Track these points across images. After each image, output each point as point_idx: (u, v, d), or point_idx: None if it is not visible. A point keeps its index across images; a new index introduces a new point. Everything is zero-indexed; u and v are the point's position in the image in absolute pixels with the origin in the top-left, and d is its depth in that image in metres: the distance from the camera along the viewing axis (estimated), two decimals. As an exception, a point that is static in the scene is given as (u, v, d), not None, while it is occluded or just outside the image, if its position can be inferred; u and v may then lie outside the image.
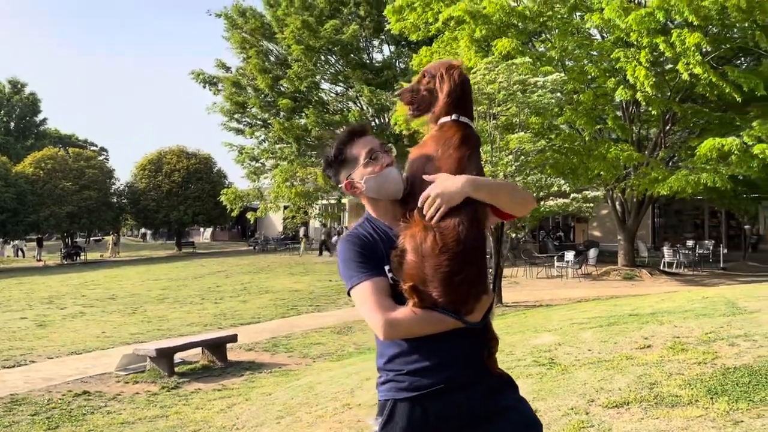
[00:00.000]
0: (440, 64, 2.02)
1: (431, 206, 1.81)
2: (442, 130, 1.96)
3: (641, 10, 13.34)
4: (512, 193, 1.94)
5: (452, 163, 1.90)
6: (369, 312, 1.82)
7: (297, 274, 23.69)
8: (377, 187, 1.95)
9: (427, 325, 1.80)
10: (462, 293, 1.79)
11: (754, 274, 19.21)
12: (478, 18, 15.10)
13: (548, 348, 5.92)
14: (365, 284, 1.84)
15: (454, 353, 1.85)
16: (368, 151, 1.95)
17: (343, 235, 2.07)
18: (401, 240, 1.86)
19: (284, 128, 27.41)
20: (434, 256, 1.77)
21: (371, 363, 7.60)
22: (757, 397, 3.91)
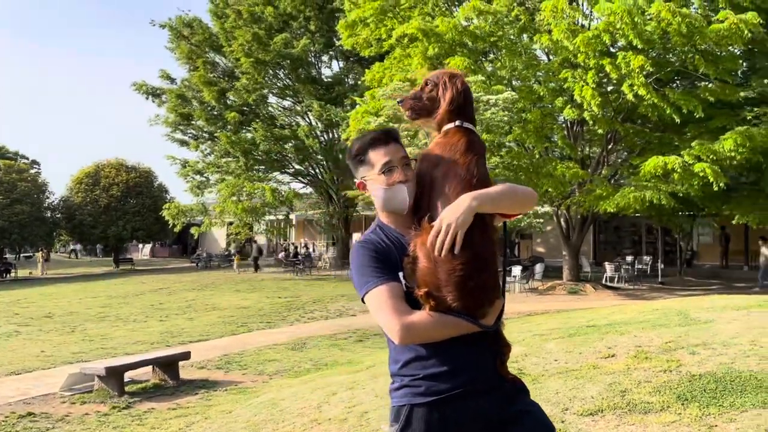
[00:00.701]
0: (442, 73, 2.04)
1: (446, 236, 1.78)
2: (446, 136, 1.98)
3: (588, 32, 13.87)
4: (513, 197, 1.95)
5: (459, 168, 1.91)
6: (385, 317, 1.80)
7: (244, 290, 23.20)
8: (384, 199, 1.96)
9: (443, 329, 1.79)
10: (476, 297, 1.80)
11: (691, 288, 20.06)
12: (431, 36, 15.34)
13: (515, 359, 5.96)
14: (381, 289, 1.82)
15: (469, 359, 1.85)
16: (385, 162, 1.94)
17: (357, 240, 2.03)
18: (413, 247, 1.86)
19: (231, 142, 26.99)
20: (447, 261, 1.78)
21: (335, 378, 7.49)
22: (726, 402, 4.03)
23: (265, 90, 29.07)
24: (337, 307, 17.65)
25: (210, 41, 29.52)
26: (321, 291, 22.04)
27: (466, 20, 15.90)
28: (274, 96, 30.76)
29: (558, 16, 14.23)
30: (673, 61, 15.69)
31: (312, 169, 31.26)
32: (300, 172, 31.66)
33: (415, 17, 16.78)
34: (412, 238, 1.88)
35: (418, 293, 1.81)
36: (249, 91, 27.55)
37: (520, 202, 1.98)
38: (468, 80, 8.87)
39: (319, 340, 12.45)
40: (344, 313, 16.45)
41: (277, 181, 31.48)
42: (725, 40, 13.44)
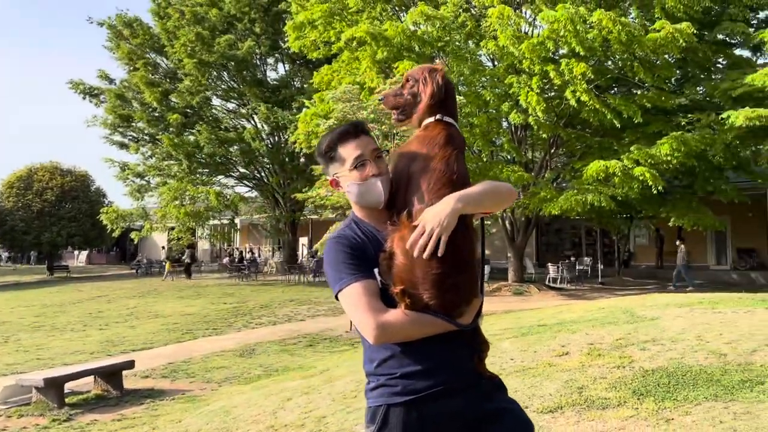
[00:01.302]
0: (422, 69, 2.01)
1: (428, 239, 1.73)
2: (426, 129, 1.94)
3: (533, 38, 14.19)
4: (496, 195, 1.92)
5: (438, 162, 1.87)
6: (359, 315, 1.75)
7: (187, 297, 22.59)
8: (358, 195, 1.91)
9: (419, 328, 1.75)
10: (453, 296, 1.76)
11: (629, 288, 20.77)
12: (379, 40, 15.35)
13: (472, 359, 5.99)
14: (355, 286, 1.77)
15: (446, 356, 1.81)
16: (356, 157, 1.89)
17: (330, 236, 1.97)
18: (390, 243, 1.82)
19: (174, 144, 26.26)
20: (425, 259, 1.73)
21: (288, 383, 7.36)
22: (680, 396, 4.15)
23: (208, 92, 28.45)
24: (286, 312, 17.38)
25: (151, 42, 28.69)
26: (268, 296, 21.70)
27: (414, 25, 16.02)
28: (218, 98, 30.15)
29: (504, 22, 14.51)
30: (612, 68, 16.24)
31: (258, 172, 30.77)
32: (245, 175, 31.10)
33: (364, 21, 16.78)
34: (389, 234, 1.83)
35: (393, 290, 1.76)
36: (192, 92, 26.90)
37: (501, 199, 1.96)
38: None
39: (268, 345, 12.24)
40: (293, 318, 16.22)
41: (221, 184, 30.85)
42: (662, 48, 14.01)
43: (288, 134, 24.98)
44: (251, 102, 27.96)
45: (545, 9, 14.31)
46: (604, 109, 14.57)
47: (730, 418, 3.64)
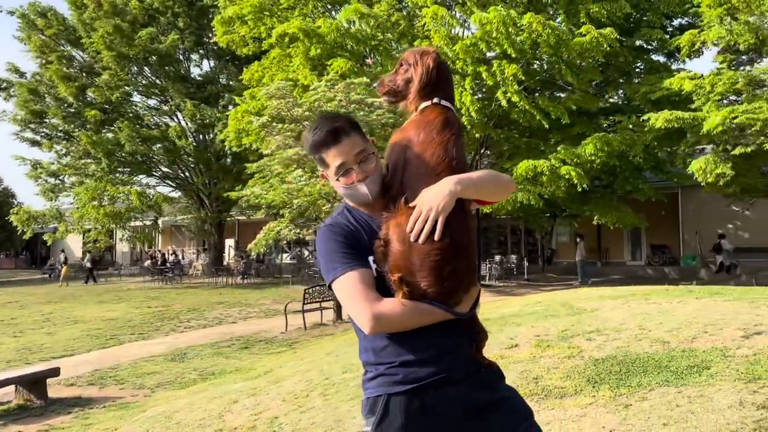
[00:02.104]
0: (414, 52, 1.96)
1: (425, 221, 1.70)
2: (423, 113, 1.89)
3: (467, 39, 14.40)
4: (495, 183, 1.89)
5: (436, 147, 1.83)
6: (354, 305, 1.71)
7: (108, 301, 21.57)
8: (345, 196, 1.89)
9: (416, 318, 1.71)
10: (451, 284, 1.72)
11: (554, 284, 21.50)
12: (312, 37, 15.18)
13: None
14: (350, 275, 1.72)
15: (446, 345, 1.77)
16: (338, 166, 1.82)
17: (323, 224, 1.88)
18: (385, 230, 1.77)
19: (93, 142, 24.96)
20: (423, 245, 1.70)
21: (231, 386, 7.11)
22: (633, 382, 4.28)
23: (129, 87, 27.24)
24: (215, 315, 16.88)
25: (67, 33, 27.16)
26: (195, 299, 21.04)
27: (348, 22, 15.93)
28: (139, 94, 28.93)
29: (438, 22, 14.67)
30: (540, 70, 16.75)
31: (182, 171, 29.74)
32: (168, 174, 30.00)
33: (295, 17, 16.55)
34: (385, 220, 1.78)
35: (391, 278, 1.71)
36: (111, 87, 25.68)
37: (500, 189, 1.92)
38: (354, 81, 8.87)
39: (200, 349, 11.84)
40: (223, 320, 15.77)
41: (142, 184, 29.63)
42: (587, 52, 14.58)
43: (215, 132, 24.32)
44: (175, 98, 27.00)
45: (477, 11, 14.58)
46: (534, 110, 15.01)
47: (685, 402, 3.77)
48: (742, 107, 12.57)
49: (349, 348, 7.43)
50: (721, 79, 13.46)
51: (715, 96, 13.52)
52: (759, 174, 15.33)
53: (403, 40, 16.96)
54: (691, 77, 14.34)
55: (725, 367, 4.27)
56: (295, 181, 13.14)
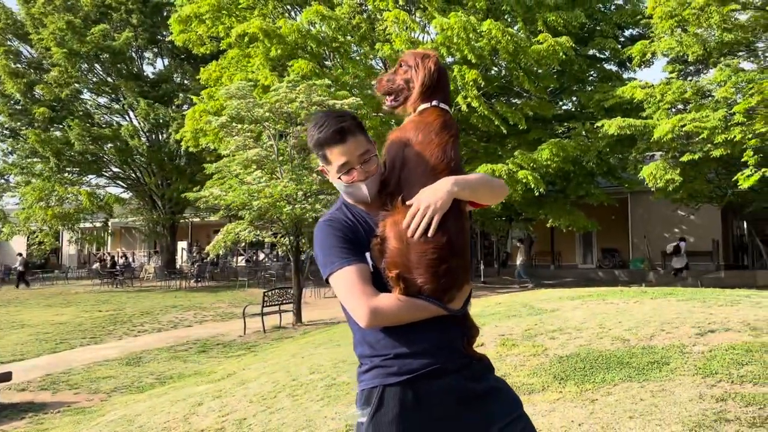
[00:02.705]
0: (415, 54, 2.01)
1: (422, 218, 1.76)
2: (422, 115, 1.94)
3: (428, 44, 14.55)
4: (490, 186, 1.96)
5: (435, 148, 1.87)
6: (352, 299, 1.75)
7: (56, 305, 20.88)
8: (345, 193, 1.92)
9: (410, 313, 1.76)
10: (446, 281, 1.77)
11: (510, 286, 21.85)
12: (273, 37, 15.06)
13: (390, 355, 6.01)
14: (348, 269, 1.77)
15: (439, 338, 1.82)
16: (341, 165, 1.85)
17: (321, 219, 1.91)
18: (382, 227, 1.82)
19: (41, 140, 24.10)
20: (420, 244, 1.75)
21: (193, 389, 6.99)
22: (597, 378, 4.42)
23: (78, 84, 26.43)
24: (170, 319, 16.54)
25: (14, 28, 26.18)
26: (148, 303, 20.56)
27: (309, 24, 15.88)
28: (89, 91, 28.10)
29: (400, 26, 14.77)
30: (498, 76, 17.05)
31: (134, 172, 29.02)
32: (119, 175, 29.23)
33: (255, 17, 16.39)
34: (382, 218, 1.83)
35: (388, 275, 1.76)
36: (61, 84, 24.87)
37: (495, 192, 1.98)
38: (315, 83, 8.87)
39: (156, 353, 11.61)
40: (179, 324, 15.47)
41: (92, 185, 28.76)
42: (544, 59, 14.92)
43: (170, 132, 23.83)
44: (127, 97, 26.34)
45: (438, 16, 14.74)
46: (492, 116, 15.27)
47: (648, 396, 3.92)
48: (690, 116, 13.10)
49: (314, 350, 7.41)
50: (671, 89, 14.00)
51: (664, 105, 14.05)
52: (705, 180, 15.97)
53: (364, 43, 17.00)
54: (643, 86, 14.86)
55: (683, 363, 4.46)
56: (254, 182, 13.02)
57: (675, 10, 12.28)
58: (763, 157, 12.85)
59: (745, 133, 12.43)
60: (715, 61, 14.64)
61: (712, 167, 15.30)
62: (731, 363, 4.27)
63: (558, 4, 16.06)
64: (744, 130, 12.42)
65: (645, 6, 17.43)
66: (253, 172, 13.45)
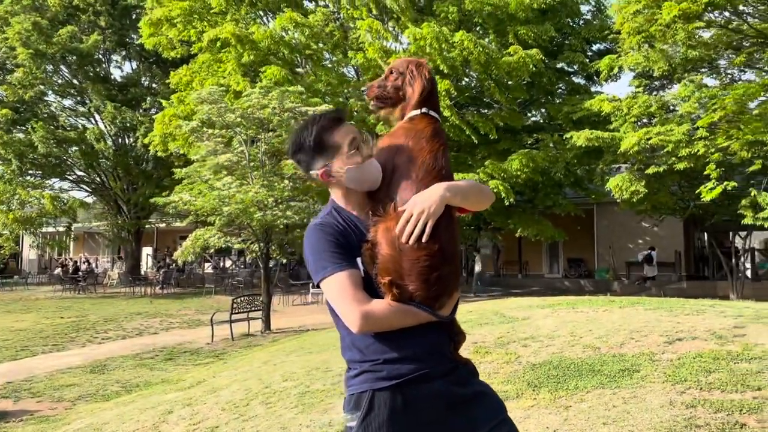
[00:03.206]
0: (408, 62, 2.02)
1: (416, 224, 1.77)
2: (412, 122, 1.95)
3: (401, 53, 14.64)
4: (480, 193, 1.98)
5: (426, 155, 1.89)
6: (344, 305, 1.76)
7: (16, 311, 20.30)
8: (358, 179, 1.87)
9: (401, 319, 1.78)
10: (438, 288, 1.79)
11: (478, 294, 21.99)
12: (246, 43, 14.98)
13: (364, 362, 6.00)
14: (341, 275, 1.77)
15: (428, 343, 1.84)
16: (351, 140, 1.86)
17: (312, 222, 1.91)
18: (373, 232, 1.82)
19: (3, 142, 23.45)
20: (413, 251, 1.76)
21: (162, 396, 6.87)
22: (570, 385, 4.49)
23: (43, 86, 25.86)
24: (135, 326, 16.23)
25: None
26: (112, 309, 20.15)
27: (283, 30, 15.84)
28: (54, 93, 27.51)
29: (373, 35, 14.84)
30: (469, 87, 17.24)
31: (98, 176, 28.44)
32: (83, 179, 28.62)
33: (227, 22, 16.29)
34: (374, 224, 1.83)
35: (380, 281, 1.77)
36: (25, 86, 24.29)
37: (484, 198, 2.00)
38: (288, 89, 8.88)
39: (121, 360, 11.39)
40: (144, 331, 15.20)
41: (54, 188, 28.10)
42: (515, 71, 15.15)
43: (137, 136, 23.46)
44: (94, 100, 25.85)
45: (411, 26, 14.86)
46: (463, 125, 15.42)
47: (621, 402, 4.00)
48: (656, 129, 13.44)
49: (286, 357, 7.36)
50: (637, 103, 14.35)
51: (631, 118, 14.39)
52: (668, 192, 16.37)
53: (337, 51, 17.03)
54: (611, 100, 15.21)
55: (653, 371, 4.56)
56: (224, 188, 12.88)
57: (642, 26, 12.63)
58: (725, 170, 13.26)
59: (708, 147, 12.81)
60: (680, 77, 15.08)
61: (675, 180, 15.69)
62: (699, 370, 4.38)
63: (528, 18, 16.34)
64: (707, 145, 12.79)
65: (612, 22, 17.86)
66: (223, 177, 13.32)
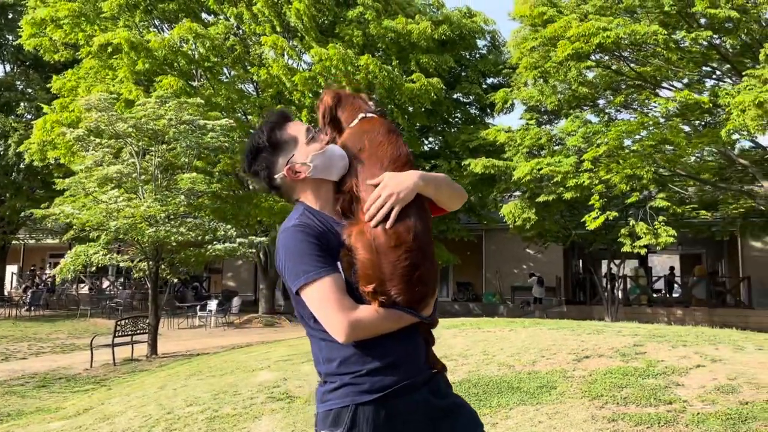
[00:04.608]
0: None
1: (382, 206, 1.69)
2: (362, 123, 1.88)
3: (306, 72, 14.52)
4: (452, 188, 1.92)
5: (388, 147, 1.83)
6: (329, 313, 1.65)
7: None
8: (326, 164, 1.78)
9: (388, 323, 1.69)
10: (421, 289, 1.72)
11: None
12: (140, 50, 14.24)
13: (276, 383, 5.75)
14: (324, 281, 1.65)
15: (407, 350, 1.75)
16: (306, 130, 1.80)
17: (288, 224, 1.76)
18: (347, 236, 1.72)
19: None
20: (391, 251, 1.68)
21: (39, 427, 6.18)
22: (493, 402, 4.52)
23: None
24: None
25: None
26: (-30, 333, 18.15)
27: (182, 40, 15.22)
28: None
29: (278, 52, 14.64)
30: (372, 111, 17.37)
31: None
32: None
33: (120, 28, 15.44)
34: (347, 227, 1.73)
35: (363, 290, 1.67)
36: None
37: (456, 195, 1.94)
38: (187, 101, 8.60)
39: (1, 375, 10.28)
40: (11, 356, 13.80)
41: None
42: (417, 98, 15.50)
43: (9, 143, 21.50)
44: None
45: (316, 46, 14.83)
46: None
47: (546, 418, 4.06)
48: (546, 160, 14.23)
49: (185, 381, 6.90)
50: (529, 134, 15.14)
51: (523, 148, 15.15)
52: (554, 220, 17.34)
53: (237, 65, 16.61)
54: (505, 130, 15.95)
55: (569, 387, 4.69)
56: (111, 201, 12.04)
57: (538, 62, 13.41)
58: (606, 201, 14.24)
59: (592, 179, 13.71)
60: (567, 113, 16.11)
61: (560, 209, 16.63)
62: (612, 386, 4.56)
63: (429, 47, 16.84)
64: (591, 176, 13.70)
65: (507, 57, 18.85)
66: (109, 190, 12.45)
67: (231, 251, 12.30)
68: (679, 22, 13.08)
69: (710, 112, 13.69)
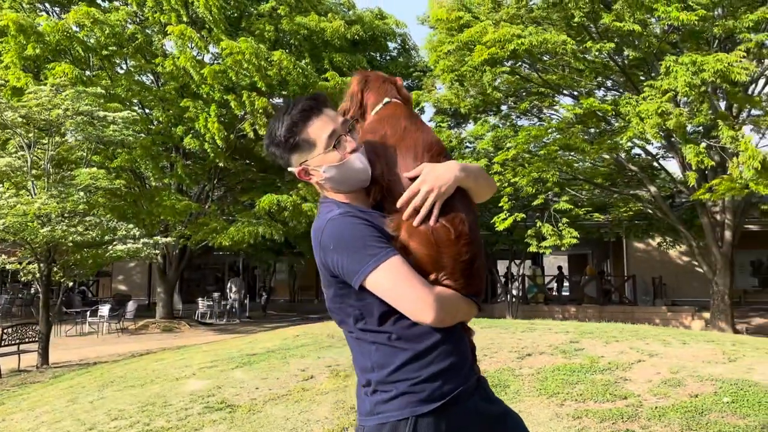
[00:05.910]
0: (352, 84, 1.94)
1: (422, 203, 1.56)
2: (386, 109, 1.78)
3: (216, 66, 13.89)
4: (487, 179, 1.81)
5: (416, 132, 1.72)
6: (413, 289, 1.49)
7: None
8: (340, 179, 1.61)
9: (465, 307, 1.60)
10: (478, 282, 1.64)
11: (275, 321, 21.55)
12: (30, 34, 13.03)
13: (209, 392, 5.37)
14: (398, 259, 1.50)
15: (460, 354, 1.62)
16: (330, 135, 1.58)
17: (331, 216, 1.57)
18: (395, 228, 1.57)
19: None
20: (451, 244, 1.57)
21: None
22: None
23: None
24: None
25: None
26: None
27: (78, 26, 14.07)
28: None
29: (185, 43, 13.91)
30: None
31: None
32: None
33: (5, 9, 14.06)
34: (394, 219, 1.58)
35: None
36: None
37: (490, 187, 1.82)
38: (86, 90, 8.09)
39: None
40: None
41: None
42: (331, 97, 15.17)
43: None
44: None
45: (225, 38, 14.23)
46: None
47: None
48: (458, 162, 14.50)
49: (101, 392, 6.30)
50: (441, 137, 15.37)
51: (436, 150, 15.32)
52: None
53: (138, 55, 15.61)
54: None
55: (522, 385, 4.71)
56: (-2, 198, 10.89)
57: (454, 66, 13.63)
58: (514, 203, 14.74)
59: (501, 181, 14.13)
60: (475, 117, 16.52)
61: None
62: (564, 383, 4.62)
63: (342, 47, 16.67)
64: (501, 179, 14.11)
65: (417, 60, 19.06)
66: (-7, 186, 11.25)
67: (134, 252, 11.49)
68: (580, 34, 13.78)
69: (606, 120, 14.53)
